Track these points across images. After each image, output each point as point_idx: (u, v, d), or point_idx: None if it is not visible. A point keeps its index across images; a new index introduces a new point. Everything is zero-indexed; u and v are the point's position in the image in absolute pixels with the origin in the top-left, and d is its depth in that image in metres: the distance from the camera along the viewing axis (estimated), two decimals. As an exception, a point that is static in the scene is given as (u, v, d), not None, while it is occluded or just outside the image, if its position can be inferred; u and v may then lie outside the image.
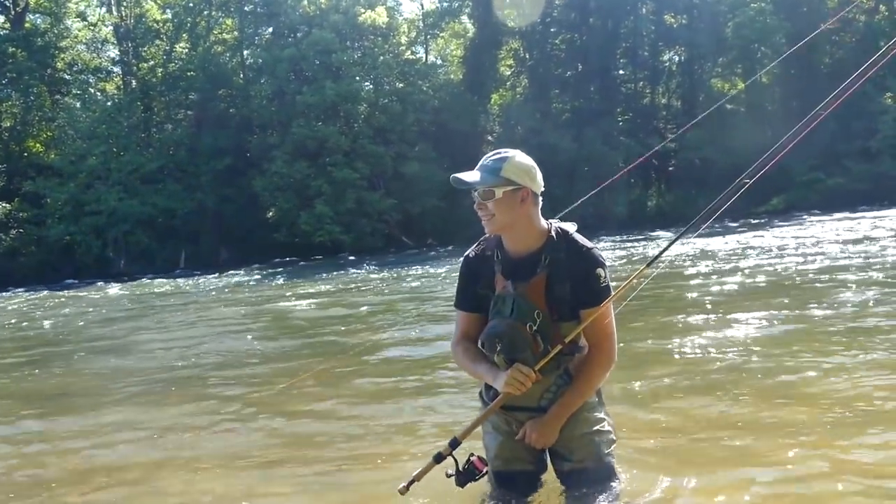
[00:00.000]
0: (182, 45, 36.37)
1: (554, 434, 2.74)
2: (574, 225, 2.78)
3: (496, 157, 2.69)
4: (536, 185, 2.71)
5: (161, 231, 30.99)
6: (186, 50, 36.16)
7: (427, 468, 2.67)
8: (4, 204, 30.09)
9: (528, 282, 2.68)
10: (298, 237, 30.18)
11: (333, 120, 31.97)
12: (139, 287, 21.17)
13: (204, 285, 19.83)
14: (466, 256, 2.87)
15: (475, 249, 2.85)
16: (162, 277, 24.41)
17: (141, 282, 23.10)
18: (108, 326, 11.88)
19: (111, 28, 36.19)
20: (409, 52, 38.38)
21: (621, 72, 40.70)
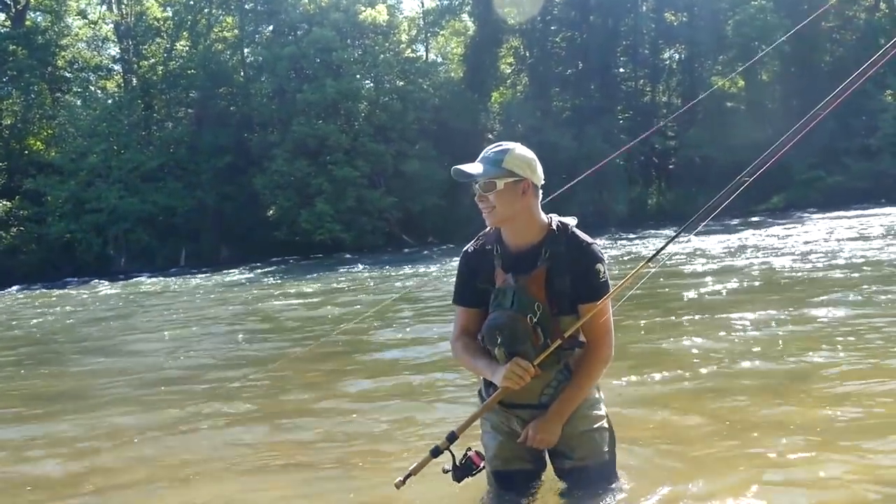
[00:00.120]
0: (182, 43, 36.35)
1: (557, 432, 2.72)
2: (574, 219, 2.79)
3: (497, 150, 2.70)
4: (537, 178, 2.71)
5: (161, 229, 30.99)
6: (187, 48, 36.13)
7: (424, 462, 2.66)
8: (5, 202, 30.09)
9: (529, 275, 2.67)
10: (299, 235, 30.17)
11: (334, 118, 31.94)
12: (135, 285, 21.14)
13: (202, 284, 19.80)
14: (465, 252, 2.86)
15: (474, 244, 2.84)
16: (161, 276, 24.41)
17: (139, 280, 23.06)
18: (98, 326, 11.79)
19: (112, 26, 36.17)
20: (410, 51, 38.35)
21: (622, 70, 40.65)
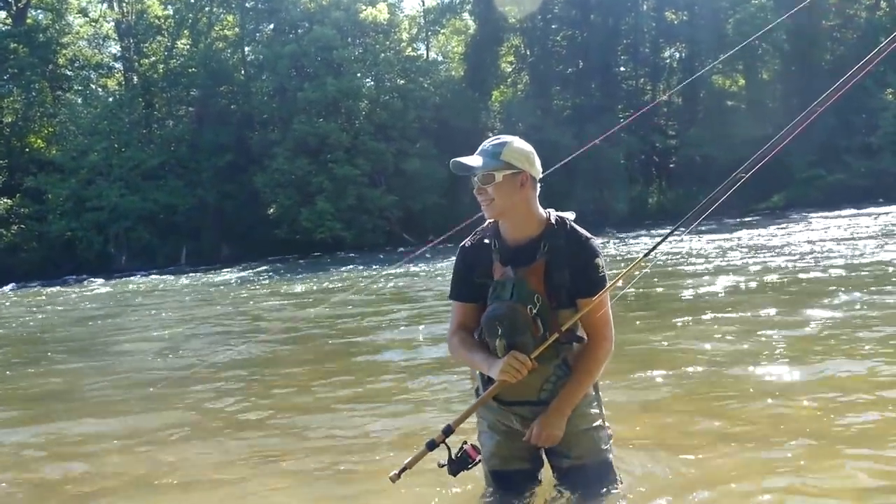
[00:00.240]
0: (183, 42, 36.37)
1: (562, 428, 2.70)
2: (573, 214, 2.79)
3: (496, 143, 2.70)
4: (535, 171, 2.71)
5: (162, 227, 31.01)
6: (188, 46, 36.15)
7: (419, 455, 2.66)
8: (6, 200, 30.13)
9: (528, 267, 2.67)
10: (299, 234, 30.17)
11: (334, 116, 31.94)
12: (133, 284, 21.11)
13: (201, 282, 19.77)
14: (462, 247, 2.85)
15: (471, 239, 2.84)
16: (161, 274, 24.44)
17: (138, 279, 23.07)
18: (86, 325, 11.67)
19: (112, 24, 36.17)
20: (411, 49, 38.35)
21: (622, 68, 40.63)
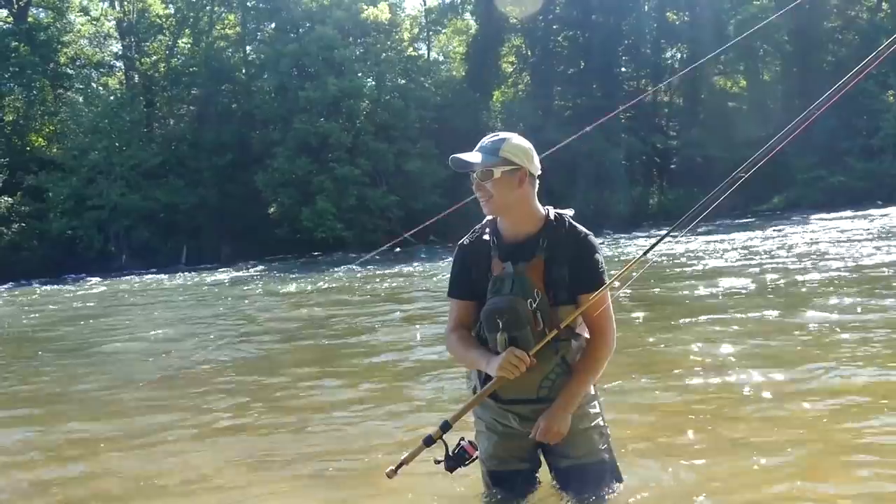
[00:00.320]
0: (185, 41, 36.38)
1: (567, 424, 2.68)
2: (571, 210, 2.79)
3: (494, 139, 2.72)
4: (534, 167, 2.72)
5: (163, 226, 31.01)
6: (189, 45, 36.17)
7: (416, 451, 2.65)
8: (7, 198, 30.12)
9: (528, 262, 2.67)
10: (300, 233, 30.17)
11: (335, 116, 31.92)
12: (131, 283, 21.11)
13: (200, 282, 19.75)
14: (461, 244, 2.86)
15: (469, 237, 2.84)
16: (161, 273, 24.43)
17: (137, 278, 23.07)
18: (76, 325, 11.59)
19: (114, 23, 36.17)
20: (412, 49, 38.36)
21: (623, 69, 40.61)
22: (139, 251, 29.86)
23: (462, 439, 2.76)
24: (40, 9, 35.37)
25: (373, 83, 34.26)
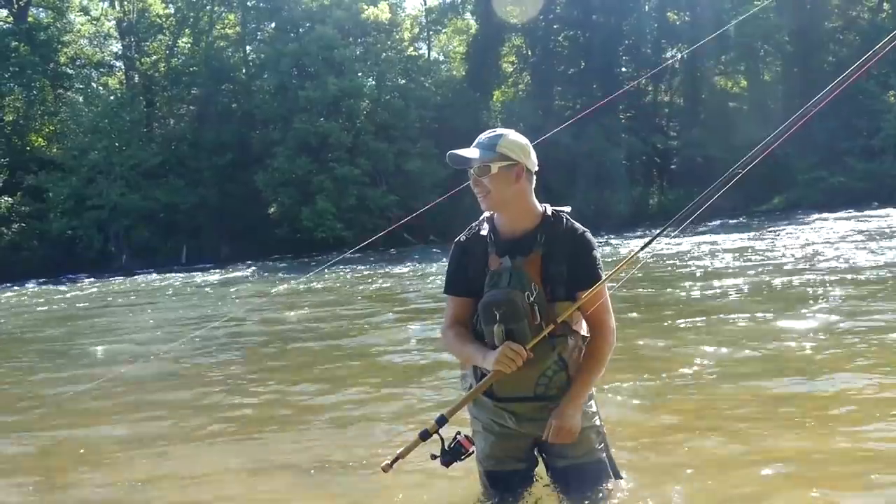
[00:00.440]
0: (185, 40, 36.40)
1: (578, 422, 2.68)
2: (568, 207, 2.79)
3: (492, 135, 2.72)
4: (531, 163, 2.72)
5: (163, 226, 31.04)
6: (189, 45, 36.19)
7: (412, 445, 2.64)
8: (7, 198, 30.16)
9: (525, 257, 2.67)
10: (300, 233, 30.18)
11: (335, 116, 31.93)
12: (131, 283, 21.12)
13: (199, 282, 19.74)
14: (458, 241, 2.86)
15: (466, 234, 2.84)
16: (161, 273, 24.41)
17: (137, 277, 23.07)
18: (67, 326, 11.51)
19: (114, 23, 36.20)
20: (412, 49, 38.37)
21: (624, 69, 40.60)
22: (139, 251, 29.90)
23: (458, 433, 2.75)
24: (40, 8, 35.41)
25: (373, 83, 34.27)
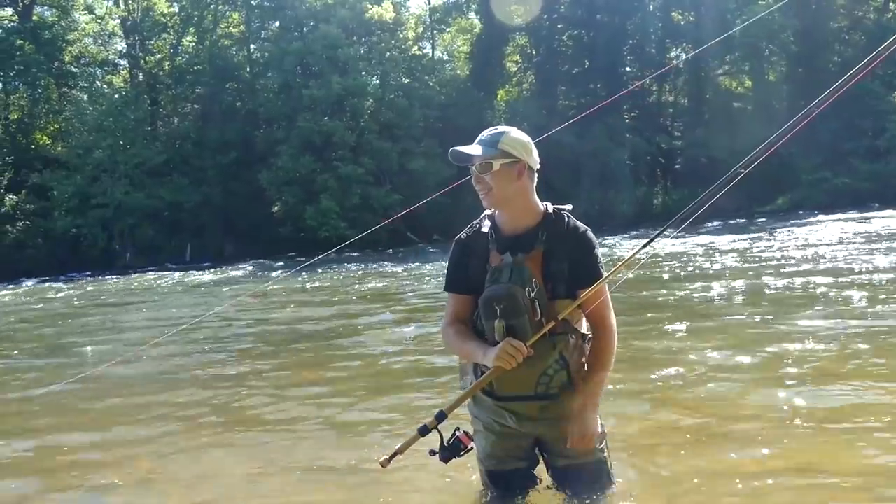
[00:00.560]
0: (189, 39, 36.46)
1: (596, 423, 2.71)
2: (570, 206, 2.79)
3: (494, 132, 2.72)
4: (533, 161, 2.72)
5: (167, 224, 31.12)
6: (193, 43, 36.24)
7: (411, 441, 2.64)
8: (12, 196, 30.25)
9: (527, 254, 2.67)
10: (304, 232, 30.21)
11: (339, 115, 31.95)
12: (132, 280, 21.14)
13: (200, 280, 19.76)
14: (458, 239, 2.86)
15: (467, 231, 2.84)
16: (163, 271, 24.47)
17: (139, 276, 23.10)
18: (60, 325, 11.48)
19: (118, 21, 36.27)
20: (416, 48, 38.36)
21: (628, 69, 40.58)
22: (143, 249, 29.98)
23: (457, 429, 2.73)
24: (45, 7, 35.50)
25: (377, 82, 34.29)
